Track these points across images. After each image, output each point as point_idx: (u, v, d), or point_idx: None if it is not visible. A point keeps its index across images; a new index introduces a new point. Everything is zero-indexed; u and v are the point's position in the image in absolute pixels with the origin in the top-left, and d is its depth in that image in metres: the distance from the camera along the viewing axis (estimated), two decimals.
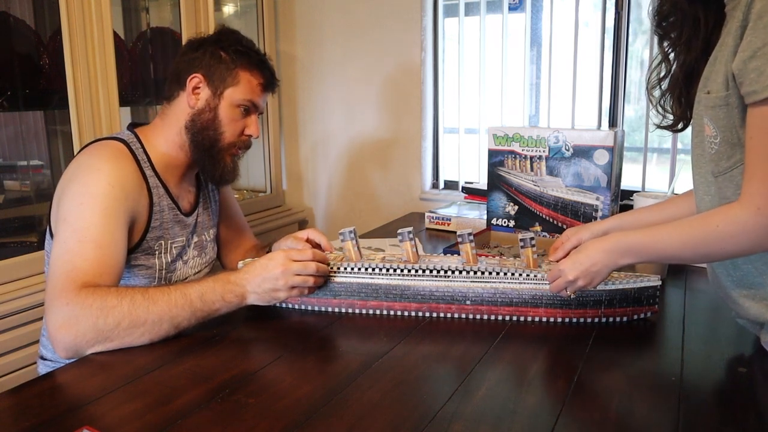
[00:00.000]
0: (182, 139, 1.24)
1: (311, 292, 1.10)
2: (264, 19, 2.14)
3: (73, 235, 1.04)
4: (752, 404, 0.82)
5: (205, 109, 1.23)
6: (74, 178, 1.12)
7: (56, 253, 1.04)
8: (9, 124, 1.77)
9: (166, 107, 1.27)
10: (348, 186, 2.29)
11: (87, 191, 1.08)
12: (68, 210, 1.07)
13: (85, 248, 1.03)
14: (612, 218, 1.17)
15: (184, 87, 1.23)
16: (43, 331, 1.27)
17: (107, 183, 1.09)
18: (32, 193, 1.81)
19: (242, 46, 1.26)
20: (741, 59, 0.78)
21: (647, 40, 1.78)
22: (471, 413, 0.77)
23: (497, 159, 1.54)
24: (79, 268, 1.01)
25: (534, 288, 1.04)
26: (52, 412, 0.77)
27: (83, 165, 1.14)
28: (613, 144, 1.40)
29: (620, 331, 1.03)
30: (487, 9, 1.99)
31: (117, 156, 1.16)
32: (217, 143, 1.24)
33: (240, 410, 0.78)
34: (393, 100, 2.13)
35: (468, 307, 1.07)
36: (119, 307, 0.96)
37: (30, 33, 1.63)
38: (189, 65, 1.23)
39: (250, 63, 1.25)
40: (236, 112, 1.24)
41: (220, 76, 1.22)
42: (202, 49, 1.24)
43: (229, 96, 1.23)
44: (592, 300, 1.03)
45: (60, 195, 1.13)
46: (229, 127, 1.24)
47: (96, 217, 1.06)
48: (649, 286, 1.04)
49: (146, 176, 1.19)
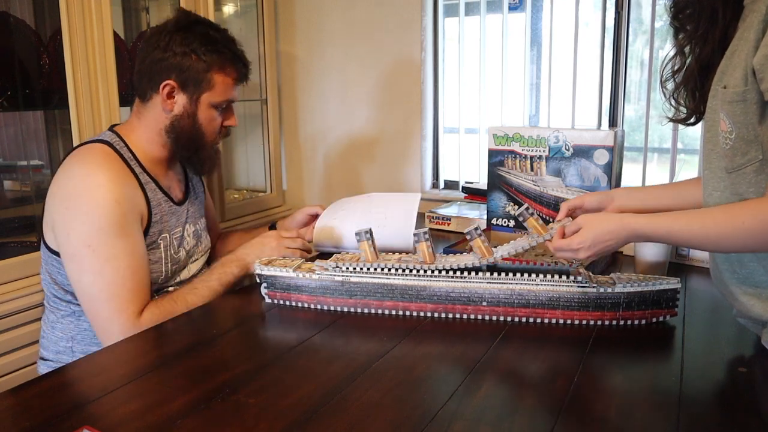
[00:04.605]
0: (163, 139, 1.26)
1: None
2: (264, 19, 2.14)
3: (106, 264, 1.11)
4: (752, 404, 0.82)
5: (183, 115, 1.24)
6: (76, 195, 1.13)
7: (92, 281, 1.12)
8: (9, 124, 1.76)
9: (140, 106, 1.27)
10: (348, 186, 2.29)
11: (98, 213, 1.12)
12: (89, 235, 1.11)
13: (123, 276, 1.12)
14: (619, 191, 1.16)
15: (156, 90, 1.23)
16: (42, 333, 1.28)
17: (114, 200, 1.13)
18: (32, 193, 1.81)
19: (212, 41, 1.23)
20: (763, 54, 0.77)
21: (647, 40, 1.78)
22: (471, 413, 0.77)
23: (497, 159, 1.54)
24: (125, 298, 1.12)
25: (551, 290, 1.03)
26: (52, 412, 0.77)
27: (81, 179, 1.14)
28: (613, 144, 1.40)
29: (620, 331, 1.02)
30: (487, 9, 1.98)
31: (109, 162, 1.17)
32: (199, 143, 1.27)
33: (240, 410, 0.78)
34: (393, 100, 2.13)
35: (484, 308, 1.06)
36: (177, 308, 1.15)
37: (30, 33, 1.62)
38: (159, 67, 1.21)
39: (222, 62, 1.23)
40: (214, 112, 1.26)
41: (194, 81, 1.22)
42: (171, 48, 1.21)
43: (206, 100, 1.24)
44: (609, 302, 1.03)
45: (60, 207, 1.14)
46: (209, 127, 1.27)
47: (118, 240, 1.13)
48: (669, 288, 1.02)
49: (136, 174, 1.21)
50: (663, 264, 1.26)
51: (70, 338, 1.23)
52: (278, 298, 1.15)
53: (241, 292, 1.24)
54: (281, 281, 1.13)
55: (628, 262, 1.37)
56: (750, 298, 0.89)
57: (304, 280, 1.11)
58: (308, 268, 1.13)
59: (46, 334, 1.26)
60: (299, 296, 1.13)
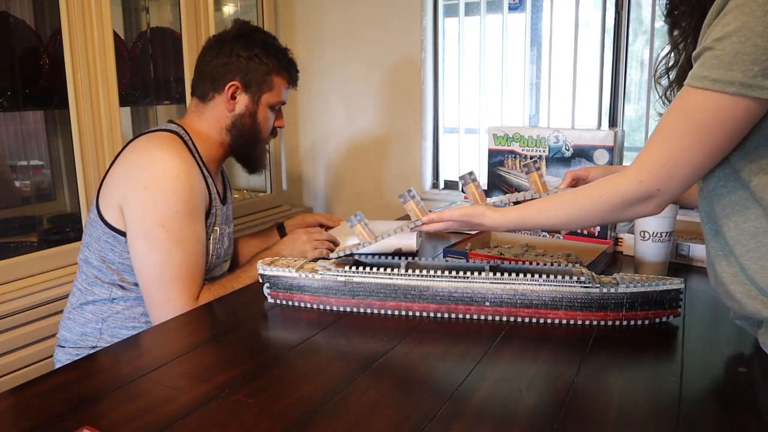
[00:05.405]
0: (222, 137, 1.36)
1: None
2: (264, 20, 2.14)
3: (176, 246, 1.21)
4: (752, 404, 0.82)
5: (245, 114, 1.35)
6: (156, 177, 1.21)
7: (161, 260, 1.20)
8: (9, 124, 1.77)
9: (200, 106, 1.36)
10: (348, 186, 2.29)
11: (176, 196, 1.20)
12: (164, 217, 1.20)
13: (188, 259, 1.22)
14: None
15: (220, 91, 1.33)
16: (67, 315, 1.31)
17: (190, 187, 1.22)
18: (32, 193, 1.81)
19: (271, 47, 1.35)
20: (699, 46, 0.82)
21: (647, 40, 1.78)
22: (471, 413, 0.77)
23: (497, 159, 1.54)
24: (187, 280, 1.22)
25: (554, 290, 1.03)
26: (52, 412, 0.77)
27: (162, 162, 1.22)
28: (613, 144, 1.40)
29: (620, 331, 1.02)
30: (487, 9, 1.99)
31: (183, 151, 1.25)
32: (256, 142, 1.39)
33: (240, 410, 0.78)
34: (393, 100, 2.13)
35: (487, 308, 1.06)
36: (224, 294, 1.23)
37: (30, 33, 1.63)
38: (225, 71, 1.32)
39: (280, 66, 1.36)
40: (269, 112, 1.38)
41: (256, 82, 1.34)
42: (235, 54, 1.32)
43: (265, 101, 1.36)
44: (613, 303, 1.02)
45: (138, 186, 1.21)
46: (265, 127, 1.39)
47: (189, 225, 1.22)
48: (672, 288, 1.02)
49: (200, 166, 1.29)
50: (663, 264, 1.26)
51: (101, 320, 1.26)
52: (281, 299, 1.15)
53: (244, 293, 1.24)
54: (284, 281, 1.13)
55: (628, 262, 1.38)
56: (744, 296, 0.89)
57: (307, 280, 1.11)
58: (311, 268, 1.13)
59: (73, 316, 1.29)
60: (302, 296, 1.13)
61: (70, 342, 1.28)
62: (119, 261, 1.25)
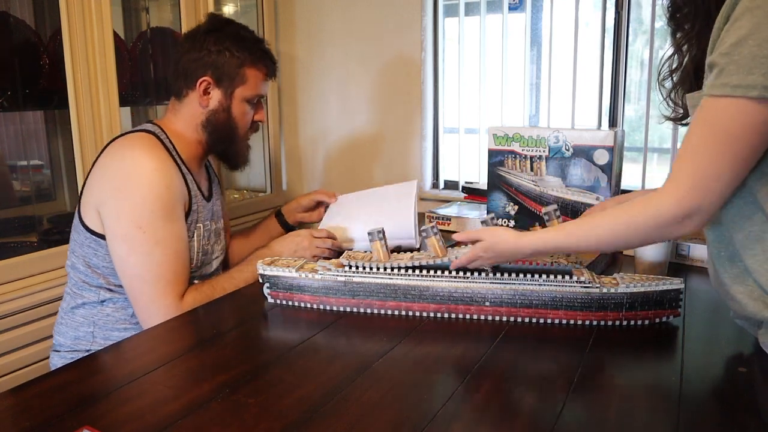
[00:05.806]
0: (199, 135, 1.34)
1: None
2: (264, 19, 2.14)
3: (155, 246, 1.18)
4: (752, 404, 0.82)
5: (218, 109, 1.32)
6: (128, 178, 1.19)
7: (140, 262, 1.18)
8: (9, 124, 1.77)
9: (176, 104, 1.34)
10: (348, 186, 2.28)
11: (150, 196, 1.18)
12: (140, 218, 1.18)
13: (169, 259, 1.20)
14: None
15: (192, 87, 1.31)
16: (60, 320, 1.31)
17: (165, 186, 1.20)
18: (32, 193, 1.81)
19: (243, 40, 1.32)
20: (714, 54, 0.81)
21: (647, 40, 1.78)
22: (471, 413, 0.77)
23: (497, 159, 1.54)
24: (170, 280, 1.19)
25: (554, 290, 1.03)
26: (52, 412, 0.77)
27: (134, 163, 1.20)
28: (613, 144, 1.40)
29: (620, 331, 1.02)
30: (487, 9, 1.98)
31: (157, 150, 1.24)
32: (233, 137, 1.36)
33: (240, 410, 0.78)
34: (393, 100, 2.13)
35: (487, 308, 1.06)
36: (215, 294, 1.22)
37: (30, 33, 1.62)
38: (196, 66, 1.30)
39: (254, 58, 1.33)
40: (246, 106, 1.35)
41: (228, 76, 1.31)
42: (206, 48, 1.29)
43: (239, 94, 1.33)
44: (613, 303, 1.02)
45: (111, 189, 1.20)
46: (242, 121, 1.35)
47: (167, 224, 1.20)
48: (672, 288, 1.02)
49: (178, 164, 1.27)
50: (663, 264, 1.26)
51: (92, 323, 1.26)
52: (281, 299, 1.15)
53: (244, 293, 1.24)
54: (284, 281, 1.13)
55: (628, 262, 1.37)
56: (744, 297, 0.89)
57: (307, 280, 1.11)
58: (311, 269, 1.13)
59: (65, 320, 1.29)
60: (302, 296, 1.13)
61: (65, 346, 1.27)
62: (103, 265, 1.24)
